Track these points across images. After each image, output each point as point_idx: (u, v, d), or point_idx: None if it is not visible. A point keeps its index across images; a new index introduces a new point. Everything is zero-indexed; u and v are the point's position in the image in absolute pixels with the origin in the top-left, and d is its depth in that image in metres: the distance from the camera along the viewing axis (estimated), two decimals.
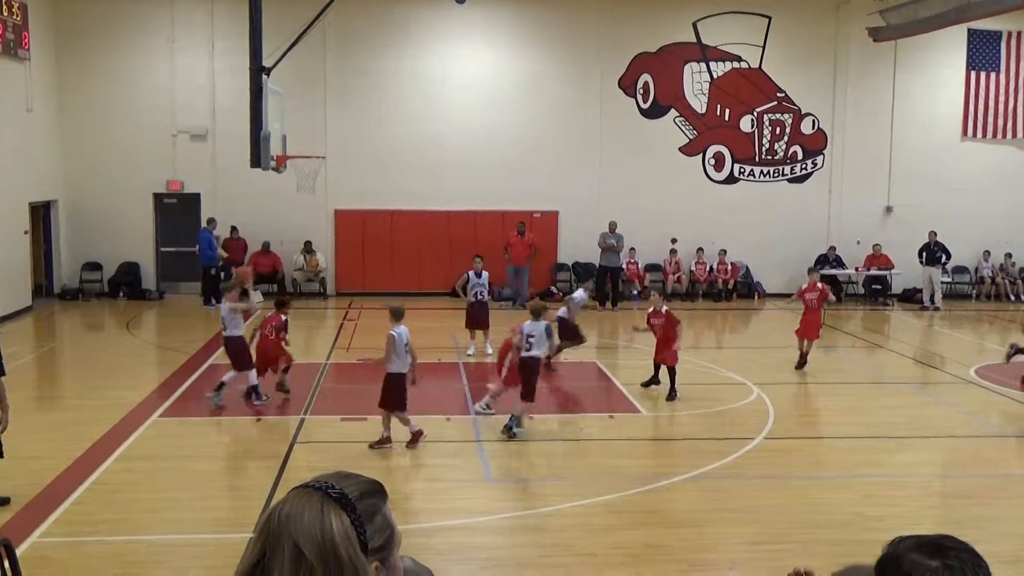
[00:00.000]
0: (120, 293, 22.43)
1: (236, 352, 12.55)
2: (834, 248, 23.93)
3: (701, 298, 23.66)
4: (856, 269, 23.84)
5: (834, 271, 23.76)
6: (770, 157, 24.32)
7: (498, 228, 22.47)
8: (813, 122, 24.33)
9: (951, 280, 24.47)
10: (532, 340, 11.27)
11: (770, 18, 23.81)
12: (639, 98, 23.80)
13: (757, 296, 24.03)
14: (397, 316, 10.57)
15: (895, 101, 24.18)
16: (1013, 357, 14.13)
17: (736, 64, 24.00)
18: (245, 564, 1.75)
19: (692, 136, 24.04)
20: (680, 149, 24.02)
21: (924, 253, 23.29)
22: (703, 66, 23.94)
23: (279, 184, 19.02)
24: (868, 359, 17.04)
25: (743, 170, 24.26)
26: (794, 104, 24.22)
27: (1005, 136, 24.62)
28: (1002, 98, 24.44)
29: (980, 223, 24.31)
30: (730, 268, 23.76)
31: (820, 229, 24.30)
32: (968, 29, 23.45)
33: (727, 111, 24.10)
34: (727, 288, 23.76)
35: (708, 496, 9.36)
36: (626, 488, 9.36)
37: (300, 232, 22.79)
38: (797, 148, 24.36)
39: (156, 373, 14.78)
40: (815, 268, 17.83)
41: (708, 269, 23.83)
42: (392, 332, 10.44)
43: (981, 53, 24.22)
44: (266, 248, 22.70)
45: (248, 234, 22.58)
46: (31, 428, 11.76)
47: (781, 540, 8.20)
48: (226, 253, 22.03)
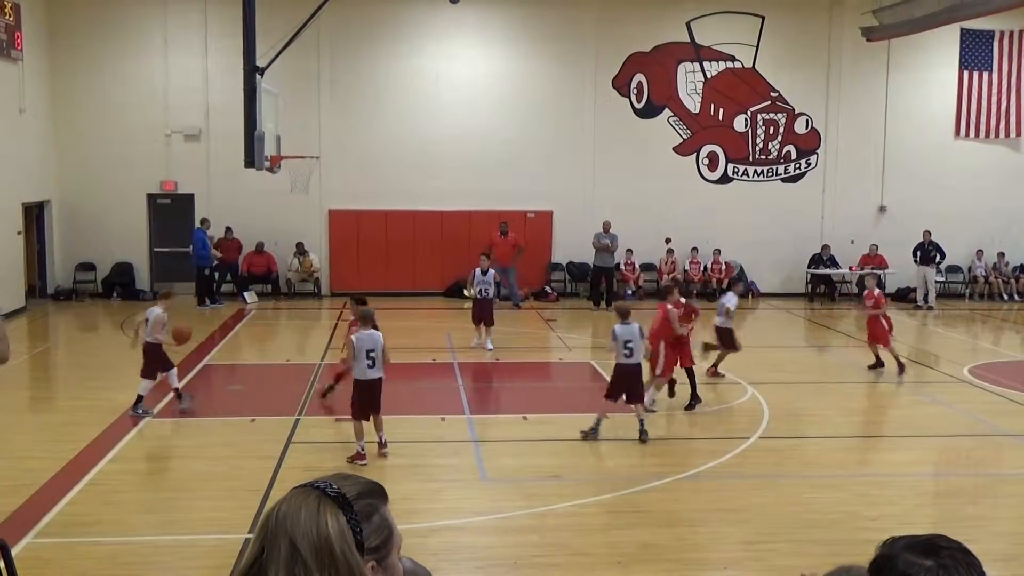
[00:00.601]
0: (114, 293, 22.40)
1: (153, 358, 12.14)
2: (828, 247, 23.99)
3: (695, 298, 23.63)
4: (850, 268, 23.89)
5: (828, 270, 23.83)
6: (764, 157, 24.36)
7: (492, 228, 22.47)
8: (807, 122, 24.38)
9: (944, 279, 24.54)
10: (631, 346, 10.99)
11: (763, 18, 23.85)
12: (633, 98, 23.83)
13: (751, 295, 24.06)
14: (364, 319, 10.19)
15: (888, 101, 24.24)
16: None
17: (730, 64, 24.03)
18: (244, 562, 1.77)
19: (686, 136, 24.07)
20: (674, 149, 24.06)
21: (918, 252, 23.34)
22: (697, 66, 23.97)
23: (273, 184, 19.03)
24: (862, 358, 17.05)
25: (737, 170, 24.30)
26: (788, 104, 24.26)
27: (998, 135, 24.69)
28: (995, 97, 24.52)
29: (973, 222, 24.38)
30: (724, 267, 23.79)
31: (814, 229, 24.35)
32: (961, 28, 23.52)
33: (721, 111, 24.14)
34: (721, 288, 23.75)
35: (703, 496, 9.37)
36: (621, 488, 9.37)
37: (294, 232, 22.77)
38: (791, 148, 24.40)
39: None
40: (870, 274, 17.60)
41: (702, 269, 23.86)
42: (352, 336, 10.10)
43: (974, 52, 24.28)
44: (260, 248, 22.69)
45: (242, 234, 22.56)
46: (25, 429, 11.75)
47: (775, 539, 8.22)
48: (220, 253, 22.03)
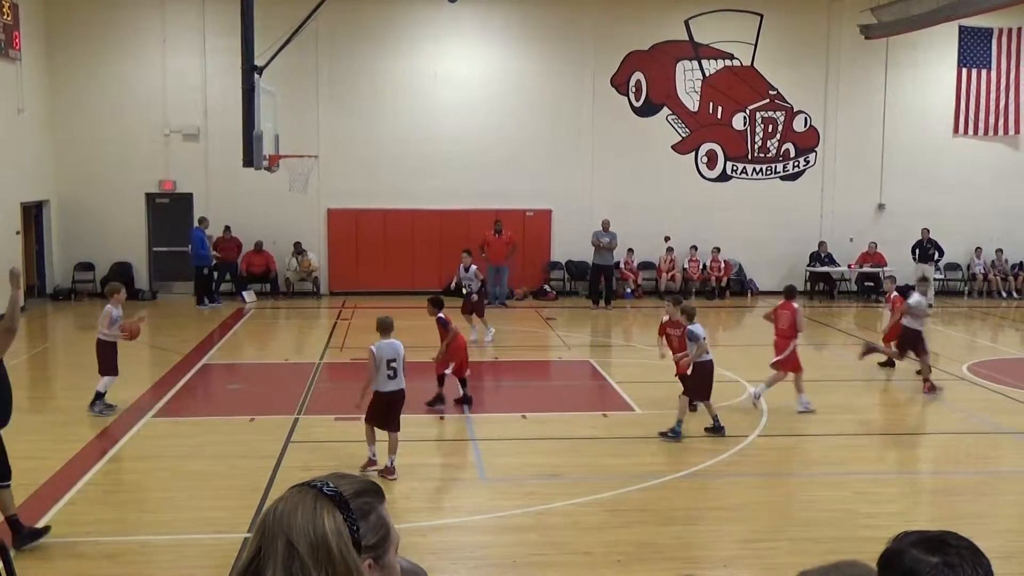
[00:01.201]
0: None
1: (108, 356, 12.12)
2: (824, 244, 24.00)
3: (694, 296, 23.68)
4: (849, 266, 23.89)
5: (827, 268, 23.84)
6: (762, 155, 24.36)
7: (490, 227, 22.46)
8: (805, 119, 24.38)
9: (943, 277, 24.55)
10: (706, 342, 11.25)
11: (762, 16, 23.85)
12: (631, 96, 23.82)
13: (750, 294, 24.08)
14: (383, 329, 9.79)
15: (887, 98, 24.25)
16: (866, 355, 14.58)
17: (728, 62, 24.03)
18: (243, 561, 1.77)
19: (685, 134, 24.07)
20: (673, 147, 24.06)
21: (917, 250, 23.35)
22: (695, 64, 23.97)
23: (272, 183, 19.03)
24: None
25: (736, 168, 24.30)
26: (786, 102, 24.26)
27: (996, 133, 24.70)
28: (993, 95, 24.52)
29: (971, 220, 24.39)
30: (723, 266, 23.81)
31: (813, 227, 24.36)
32: (959, 26, 23.53)
33: (719, 109, 24.14)
34: (720, 286, 23.81)
35: (701, 494, 9.38)
36: (619, 486, 9.37)
37: (293, 231, 22.77)
38: (789, 146, 24.41)
39: (149, 373, 14.74)
40: (890, 278, 17.68)
41: (701, 267, 23.87)
42: (372, 346, 9.69)
43: (972, 50, 24.28)
44: (259, 247, 22.69)
45: (241, 233, 22.56)
46: (24, 428, 11.71)
47: (774, 538, 8.22)
48: (219, 253, 22.04)
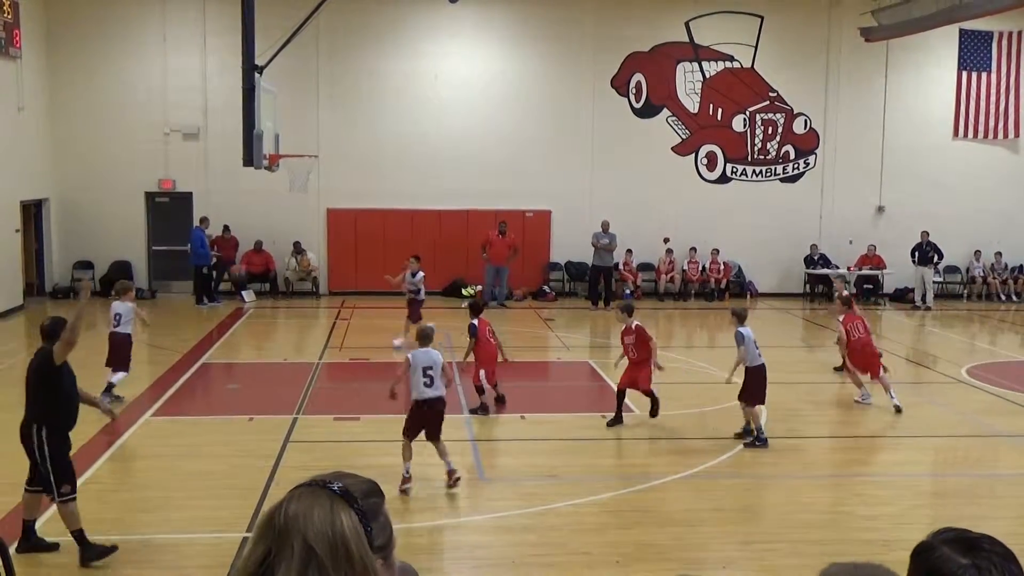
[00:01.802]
0: (112, 292, 22.34)
1: (123, 349, 12.44)
2: (816, 246, 23.98)
3: (694, 297, 23.73)
4: (848, 268, 23.90)
5: (825, 270, 23.83)
6: (762, 157, 24.36)
7: (491, 227, 22.46)
8: (805, 122, 24.38)
9: (942, 280, 24.56)
10: (754, 346, 11.20)
11: (762, 18, 23.85)
12: (632, 97, 23.82)
13: (749, 295, 24.07)
14: (423, 338, 9.66)
15: (887, 101, 24.25)
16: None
17: (728, 64, 24.04)
18: (250, 564, 1.72)
19: (685, 136, 24.07)
20: (673, 149, 24.06)
21: (916, 253, 23.36)
22: (695, 66, 23.97)
23: (271, 183, 19.03)
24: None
25: (735, 170, 24.30)
26: (786, 104, 24.27)
27: (996, 136, 24.70)
28: (993, 98, 24.53)
29: (971, 223, 24.40)
30: (722, 267, 23.81)
31: (812, 229, 24.36)
32: (960, 29, 23.54)
33: (719, 111, 24.14)
34: (719, 287, 23.82)
35: (700, 495, 9.38)
36: (618, 487, 9.38)
37: (292, 231, 22.76)
38: (789, 148, 24.41)
39: (148, 372, 14.73)
40: (840, 278, 17.75)
41: (701, 269, 23.88)
42: (409, 354, 9.57)
43: (973, 53, 24.29)
44: (258, 247, 22.68)
45: (240, 233, 22.55)
46: None
47: (772, 539, 8.23)
48: (218, 252, 22.03)
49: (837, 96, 24.24)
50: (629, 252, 23.38)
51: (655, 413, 11.78)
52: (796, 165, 24.49)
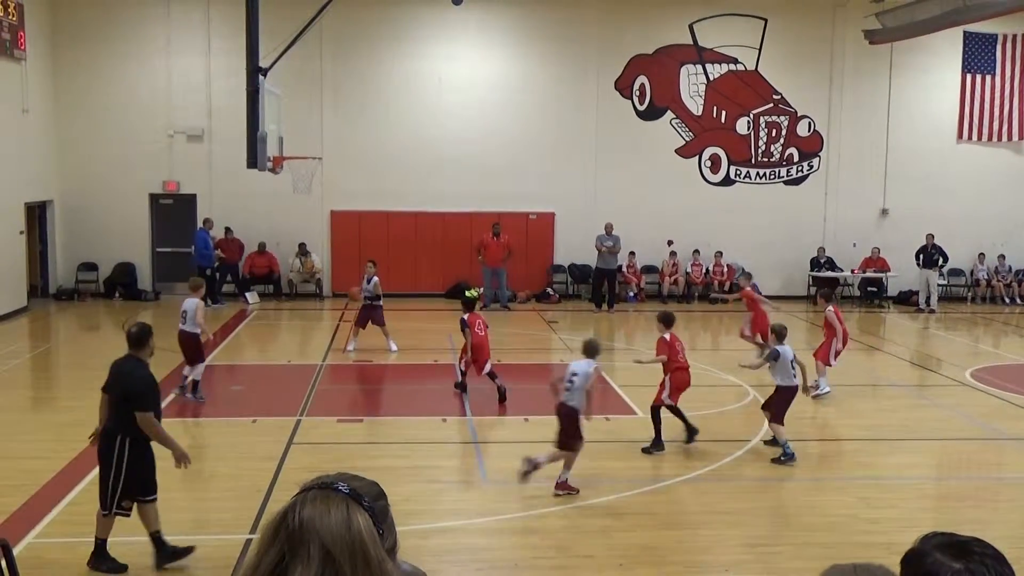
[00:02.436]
0: (116, 294, 22.41)
1: (195, 347, 12.82)
2: (823, 249, 23.97)
3: (697, 300, 23.71)
4: (852, 271, 23.87)
5: (829, 273, 23.81)
6: (766, 159, 24.35)
7: (490, 229, 22.43)
8: (809, 124, 24.37)
9: (946, 282, 24.53)
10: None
11: (766, 20, 23.85)
12: (635, 100, 23.82)
13: None
14: (589, 351, 9.65)
15: (891, 103, 24.22)
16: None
17: (732, 66, 24.03)
18: (263, 568, 1.70)
19: (688, 138, 24.07)
20: (676, 151, 24.05)
21: (921, 255, 23.33)
22: (699, 68, 23.97)
23: (275, 185, 19.03)
24: (864, 361, 17.05)
25: (739, 172, 24.29)
26: (790, 106, 24.25)
27: (1000, 139, 24.67)
28: (997, 101, 24.51)
29: (975, 226, 24.37)
30: (726, 270, 23.79)
31: (816, 231, 24.34)
32: (964, 32, 23.52)
33: (723, 113, 24.13)
34: (723, 290, 23.78)
35: (704, 498, 9.37)
36: (622, 490, 9.36)
37: (296, 233, 22.78)
38: (793, 150, 24.39)
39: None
40: (745, 276, 17.79)
41: (704, 271, 23.86)
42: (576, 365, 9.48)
43: (977, 56, 24.27)
44: (262, 249, 22.70)
45: (244, 235, 22.57)
46: (27, 429, 11.76)
47: (776, 542, 8.22)
48: (222, 254, 22.05)
49: (841, 99, 24.22)
50: (633, 254, 23.37)
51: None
52: (800, 168, 24.48)
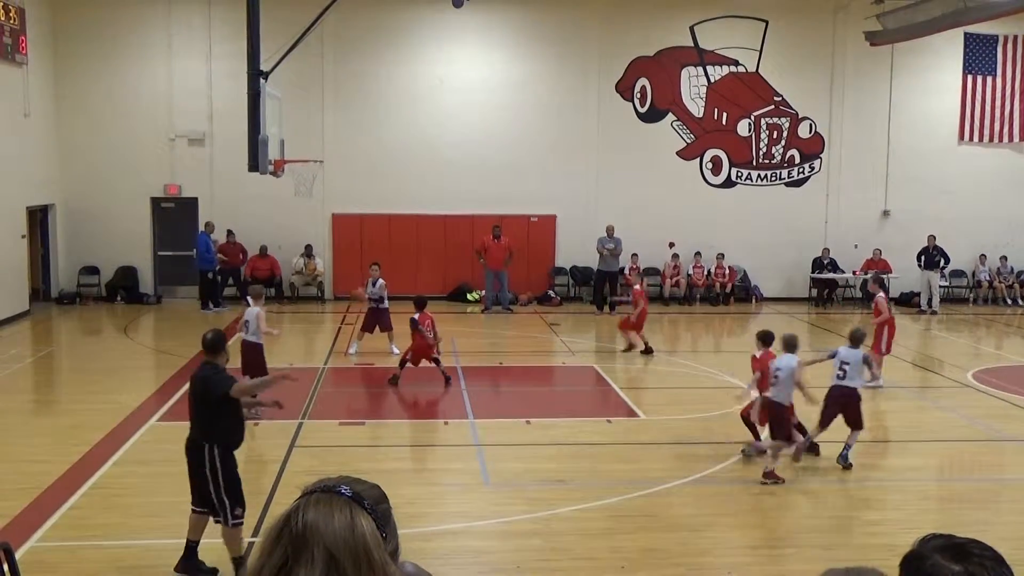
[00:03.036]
0: (118, 297, 22.42)
1: (257, 357, 12.38)
2: (828, 250, 23.97)
3: (699, 302, 23.71)
4: (854, 273, 23.87)
5: (831, 275, 23.81)
6: (767, 161, 24.35)
7: (486, 232, 22.43)
8: (810, 126, 24.36)
9: (948, 284, 24.52)
10: (847, 368, 10.79)
11: (767, 22, 23.85)
12: (636, 102, 23.83)
13: (755, 300, 24.06)
14: (789, 345, 10.53)
15: (892, 105, 24.22)
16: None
17: (733, 68, 24.03)
18: (266, 571, 1.71)
19: (689, 140, 24.07)
20: (677, 153, 24.05)
21: (923, 257, 23.33)
22: (700, 70, 23.97)
23: (277, 188, 19.05)
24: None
25: (740, 174, 24.29)
26: (791, 108, 24.25)
27: (1002, 140, 24.67)
28: (999, 102, 24.50)
29: (977, 227, 24.36)
30: (728, 272, 23.79)
31: (817, 233, 24.33)
32: (965, 33, 23.51)
33: (724, 115, 24.13)
34: (725, 292, 23.80)
35: (706, 500, 9.36)
36: (624, 492, 9.36)
37: (298, 236, 22.78)
38: (794, 152, 24.39)
39: (154, 377, 14.76)
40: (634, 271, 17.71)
41: (706, 273, 23.86)
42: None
43: (978, 57, 24.27)
44: (263, 252, 22.71)
45: (246, 238, 22.57)
46: (29, 432, 11.77)
47: (779, 544, 8.21)
48: (224, 257, 22.06)
49: (842, 100, 24.22)
50: (634, 257, 23.36)
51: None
52: (801, 169, 24.47)
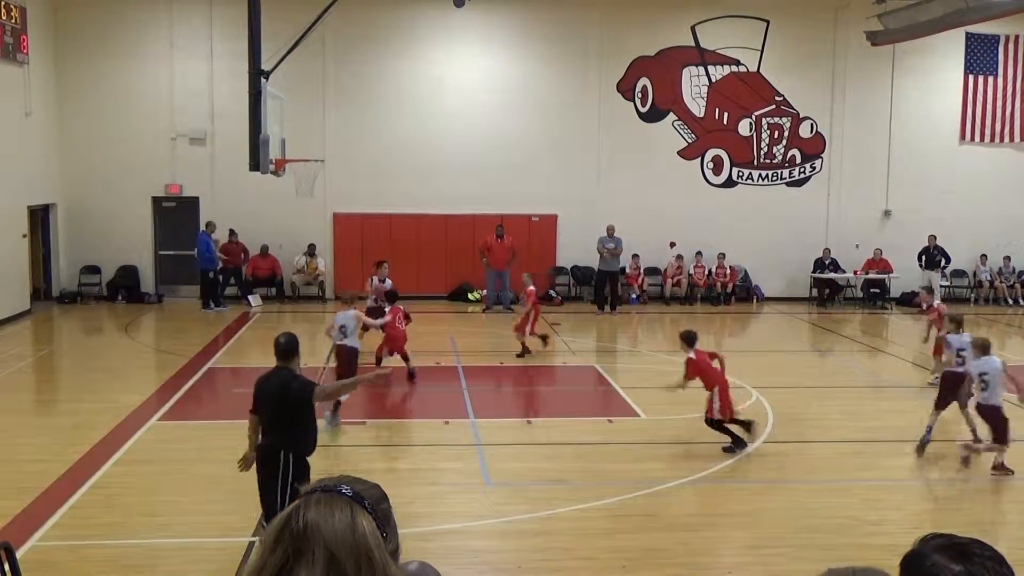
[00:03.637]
0: (119, 296, 22.42)
1: (351, 362, 12.33)
2: (829, 251, 23.95)
3: (700, 302, 23.70)
4: (855, 272, 23.86)
5: (832, 275, 23.80)
6: (768, 161, 24.34)
7: (493, 231, 22.42)
8: (811, 126, 24.35)
9: (949, 284, 24.50)
10: (964, 354, 11.31)
11: (768, 22, 23.84)
12: (637, 102, 23.82)
13: (756, 300, 24.05)
14: (984, 348, 11.05)
15: (893, 105, 24.20)
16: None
17: (734, 68, 24.02)
18: (268, 571, 1.70)
19: (691, 140, 24.06)
20: (679, 153, 24.04)
21: (924, 257, 23.32)
22: (701, 70, 23.96)
23: (278, 187, 19.06)
24: (866, 363, 17.06)
25: (741, 174, 24.28)
26: (792, 108, 24.24)
27: (1003, 140, 24.65)
28: (1000, 102, 24.49)
29: (978, 227, 24.34)
30: (729, 272, 23.78)
31: (819, 233, 24.32)
32: (966, 33, 23.49)
33: (725, 115, 24.12)
34: (726, 292, 23.79)
35: (707, 500, 9.37)
36: (625, 492, 9.36)
37: (299, 235, 22.78)
38: (795, 152, 24.38)
39: (155, 376, 14.77)
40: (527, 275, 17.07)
41: (707, 273, 23.85)
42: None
43: (979, 57, 24.25)
44: (264, 251, 22.71)
45: (247, 238, 22.58)
46: (30, 431, 11.78)
47: (779, 544, 8.21)
48: (226, 256, 22.07)
49: (843, 100, 24.20)
50: (635, 257, 23.36)
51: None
52: (802, 169, 24.46)
